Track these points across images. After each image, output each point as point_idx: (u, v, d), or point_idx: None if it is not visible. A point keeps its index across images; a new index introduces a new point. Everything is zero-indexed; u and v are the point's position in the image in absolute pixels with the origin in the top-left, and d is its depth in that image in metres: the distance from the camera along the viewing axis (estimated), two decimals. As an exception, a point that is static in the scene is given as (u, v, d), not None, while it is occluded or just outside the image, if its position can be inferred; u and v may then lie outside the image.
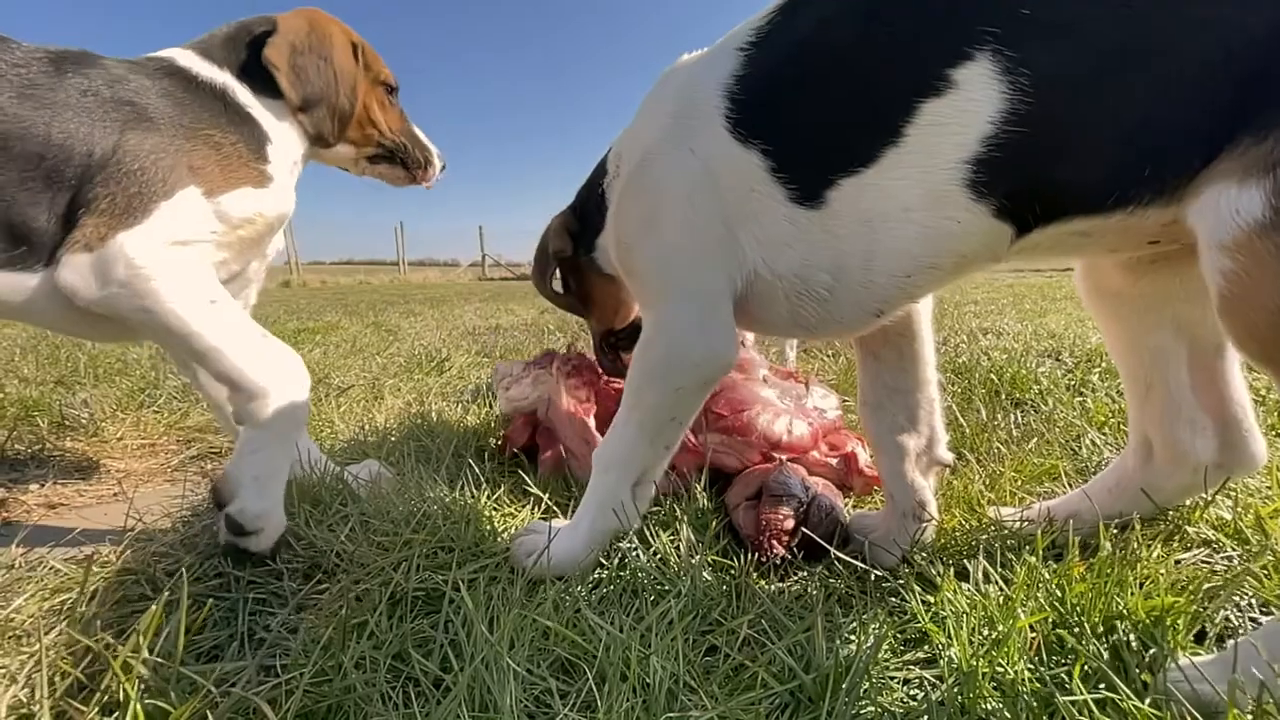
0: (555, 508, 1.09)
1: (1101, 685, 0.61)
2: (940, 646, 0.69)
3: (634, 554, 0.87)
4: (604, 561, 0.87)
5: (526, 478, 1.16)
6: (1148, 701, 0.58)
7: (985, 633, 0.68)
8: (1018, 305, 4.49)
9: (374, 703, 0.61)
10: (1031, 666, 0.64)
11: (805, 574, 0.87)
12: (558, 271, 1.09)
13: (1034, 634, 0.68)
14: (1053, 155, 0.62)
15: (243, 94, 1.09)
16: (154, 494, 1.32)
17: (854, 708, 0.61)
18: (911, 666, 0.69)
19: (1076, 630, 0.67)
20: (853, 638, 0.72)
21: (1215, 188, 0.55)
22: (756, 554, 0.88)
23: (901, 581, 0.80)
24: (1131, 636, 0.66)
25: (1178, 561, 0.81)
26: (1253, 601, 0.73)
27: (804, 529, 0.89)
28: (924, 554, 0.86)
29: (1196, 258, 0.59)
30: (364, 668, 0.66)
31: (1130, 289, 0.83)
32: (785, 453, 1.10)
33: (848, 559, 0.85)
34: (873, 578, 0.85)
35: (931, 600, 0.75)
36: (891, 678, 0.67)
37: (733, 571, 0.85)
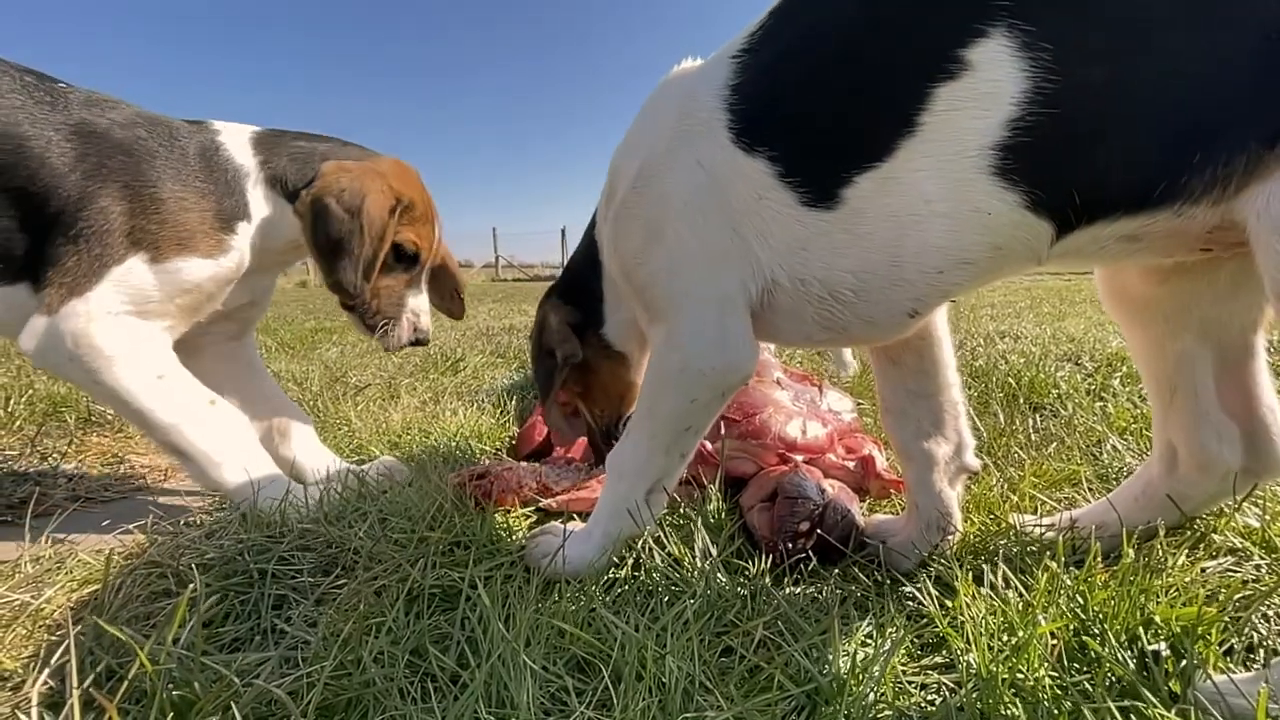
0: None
1: (1126, 695, 0.60)
2: (959, 652, 0.68)
3: (649, 555, 0.87)
4: (618, 562, 0.87)
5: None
6: (1174, 711, 0.57)
7: (1005, 639, 0.68)
8: (1035, 309, 4.42)
9: (392, 697, 0.62)
10: (1054, 674, 0.63)
11: (821, 577, 0.87)
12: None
13: (1055, 641, 0.67)
14: (1086, 140, 0.58)
15: (253, 180, 1.11)
16: (177, 488, 1.35)
17: (870, 711, 0.61)
18: (929, 671, 0.68)
19: (1099, 638, 0.66)
20: (869, 641, 0.71)
21: None
22: (771, 556, 0.87)
23: (919, 586, 0.80)
24: (1161, 645, 0.65)
25: (1203, 570, 0.80)
26: (1281, 612, 0.72)
27: (819, 531, 0.89)
28: (941, 559, 0.85)
29: (1253, 250, 0.55)
30: (382, 662, 0.66)
31: (1155, 293, 0.81)
32: (801, 454, 1.10)
33: (864, 562, 0.85)
34: (889, 582, 0.84)
35: (949, 605, 0.75)
36: (909, 682, 0.66)
37: (748, 573, 0.85)
